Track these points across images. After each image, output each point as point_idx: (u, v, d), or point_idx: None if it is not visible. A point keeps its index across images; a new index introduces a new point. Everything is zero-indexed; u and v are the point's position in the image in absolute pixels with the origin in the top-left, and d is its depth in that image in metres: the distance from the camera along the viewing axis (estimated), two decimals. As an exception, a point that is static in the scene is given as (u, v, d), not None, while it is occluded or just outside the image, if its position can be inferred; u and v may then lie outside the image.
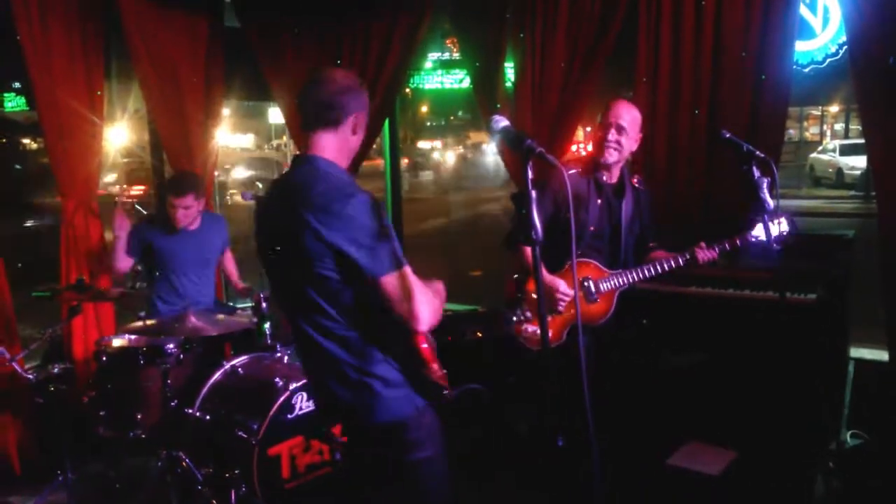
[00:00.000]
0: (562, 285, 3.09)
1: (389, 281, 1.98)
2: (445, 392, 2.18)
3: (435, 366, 2.16)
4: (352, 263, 1.98)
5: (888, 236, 3.29)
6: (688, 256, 3.09)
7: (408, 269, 2.02)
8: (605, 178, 3.15)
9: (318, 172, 2.09)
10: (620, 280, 3.13)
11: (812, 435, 3.40)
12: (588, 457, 2.01)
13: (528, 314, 3.16)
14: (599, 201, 3.14)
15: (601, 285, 3.11)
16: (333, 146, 2.16)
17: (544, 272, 3.12)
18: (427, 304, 2.02)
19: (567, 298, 3.09)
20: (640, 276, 3.11)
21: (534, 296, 3.12)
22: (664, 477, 3.37)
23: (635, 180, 3.26)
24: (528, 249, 3.16)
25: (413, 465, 2.18)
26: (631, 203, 3.21)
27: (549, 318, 3.11)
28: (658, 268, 3.11)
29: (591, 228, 3.14)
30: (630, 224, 3.22)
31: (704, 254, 3.07)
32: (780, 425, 3.32)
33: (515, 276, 3.25)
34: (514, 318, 3.17)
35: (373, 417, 2.14)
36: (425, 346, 2.15)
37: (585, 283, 3.12)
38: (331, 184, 2.04)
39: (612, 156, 3.08)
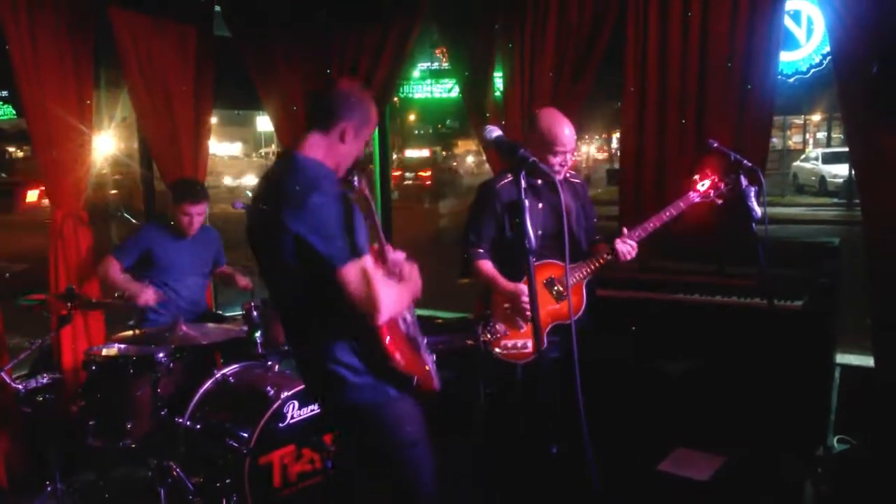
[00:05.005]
0: (525, 289, 3.07)
1: (348, 270, 2.05)
2: (415, 382, 2.25)
3: (398, 356, 2.22)
4: (312, 252, 2.05)
5: (873, 243, 3.33)
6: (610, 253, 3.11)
7: (367, 260, 2.09)
8: (537, 180, 3.09)
9: (292, 167, 2.17)
10: (583, 271, 3.14)
11: (800, 440, 3.43)
12: (581, 465, 2.03)
13: (500, 328, 3.15)
14: (540, 204, 3.15)
15: (567, 280, 3.04)
16: (321, 148, 2.23)
17: (503, 281, 3.15)
18: (386, 294, 2.09)
19: None
20: (598, 263, 3.13)
21: (505, 306, 3.13)
22: (654, 483, 3.39)
23: (567, 174, 3.25)
24: (483, 265, 3.22)
25: (394, 448, 2.27)
26: (569, 196, 3.21)
27: (525, 327, 3.13)
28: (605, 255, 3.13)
29: (539, 232, 3.13)
30: (576, 217, 3.24)
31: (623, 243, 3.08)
32: (769, 431, 3.36)
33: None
34: (490, 336, 3.14)
35: (345, 401, 2.25)
36: (388, 339, 2.21)
37: (550, 283, 3.13)
38: (302, 177, 2.12)
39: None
